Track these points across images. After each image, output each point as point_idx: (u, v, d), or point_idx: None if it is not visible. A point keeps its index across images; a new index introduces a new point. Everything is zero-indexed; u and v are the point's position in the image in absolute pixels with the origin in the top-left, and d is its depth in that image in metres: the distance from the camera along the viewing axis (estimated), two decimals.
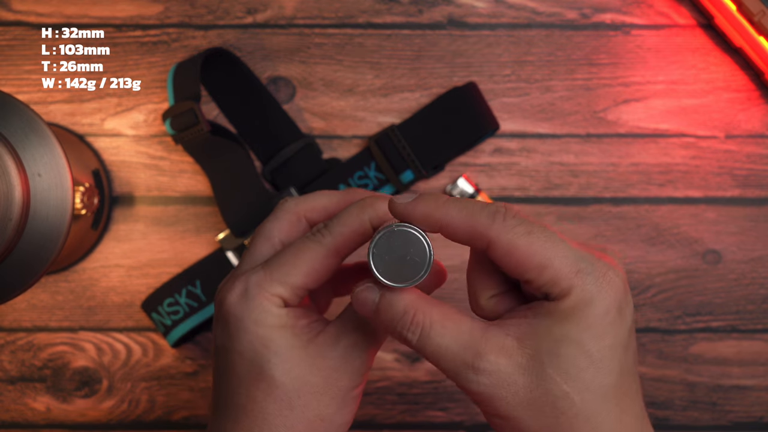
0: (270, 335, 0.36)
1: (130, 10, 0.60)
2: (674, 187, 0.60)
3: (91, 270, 0.60)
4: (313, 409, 0.37)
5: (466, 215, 0.33)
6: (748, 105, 0.60)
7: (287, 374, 0.36)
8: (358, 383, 0.38)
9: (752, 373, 0.60)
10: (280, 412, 0.36)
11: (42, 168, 0.44)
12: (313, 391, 0.37)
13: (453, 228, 0.33)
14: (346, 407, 0.37)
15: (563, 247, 0.33)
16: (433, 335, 0.33)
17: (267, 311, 0.37)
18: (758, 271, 0.60)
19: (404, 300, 0.34)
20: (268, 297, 0.37)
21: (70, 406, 0.60)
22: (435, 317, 0.34)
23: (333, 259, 0.37)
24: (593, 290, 0.32)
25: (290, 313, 0.37)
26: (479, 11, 0.60)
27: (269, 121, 0.60)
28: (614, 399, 0.33)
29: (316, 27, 0.60)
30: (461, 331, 0.33)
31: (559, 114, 0.60)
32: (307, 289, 0.38)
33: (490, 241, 0.33)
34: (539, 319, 0.33)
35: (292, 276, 0.37)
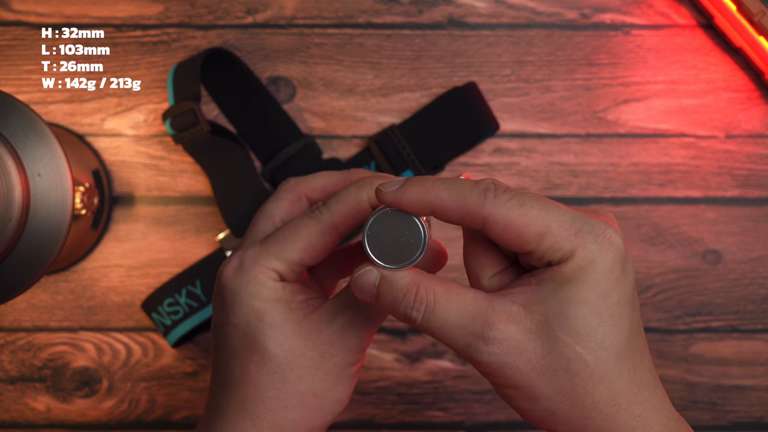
0: (264, 308, 0.37)
1: (130, 10, 0.60)
2: (674, 187, 0.60)
3: (91, 270, 0.60)
4: (307, 383, 0.36)
5: (456, 196, 0.33)
6: (748, 105, 0.60)
7: (281, 347, 0.36)
8: (354, 361, 0.38)
9: (752, 373, 0.60)
10: (272, 384, 0.36)
11: (42, 168, 0.44)
12: (308, 365, 0.36)
13: (445, 210, 0.33)
14: (341, 384, 0.37)
15: (558, 212, 0.32)
16: (438, 310, 0.33)
17: (262, 284, 0.37)
18: (758, 271, 0.60)
19: (405, 278, 0.33)
20: (263, 270, 0.37)
21: (70, 406, 0.60)
22: (438, 291, 0.33)
23: (330, 236, 0.37)
24: (595, 249, 0.32)
25: (286, 288, 0.37)
26: (479, 11, 0.60)
27: (269, 121, 0.60)
28: (627, 356, 0.33)
29: (316, 27, 0.60)
30: (466, 303, 0.33)
31: (559, 114, 0.60)
32: (303, 264, 0.38)
33: (484, 219, 0.32)
34: (544, 285, 0.32)
35: (288, 251, 0.37)
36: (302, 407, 0.37)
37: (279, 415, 0.36)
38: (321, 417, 0.37)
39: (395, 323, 0.60)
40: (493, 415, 0.60)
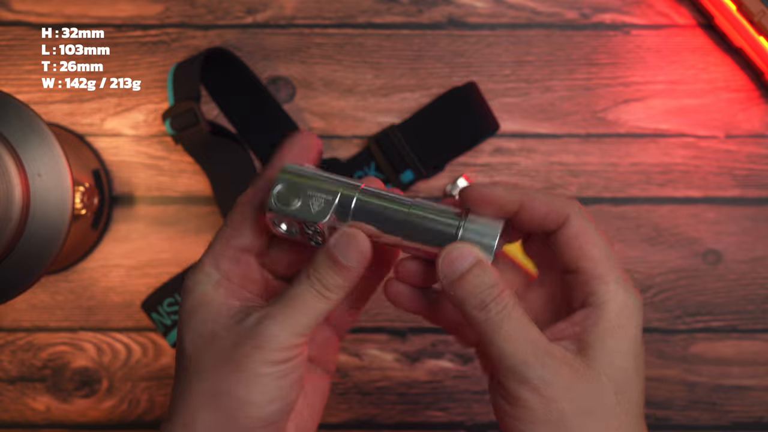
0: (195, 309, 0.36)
1: (130, 10, 0.60)
2: (674, 187, 0.60)
3: (91, 270, 0.60)
4: (211, 382, 0.35)
5: (543, 197, 0.35)
6: (748, 105, 0.60)
7: (191, 343, 0.35)
8: (272, 360, 0.34)
9: (752, 373, 0.60)
10: (184, 383, 0.36)
11: (42, 168, 0.44)
12: (215, 362, 0.35)
13: (535, 204, 0.34)
14: (255, 386, 0.34)
15: (612, 254, 0.34)
16: (514, 317, 0.33)
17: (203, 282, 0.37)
18: (758, 271, 0.60)
19: (497, 275, 0.34)
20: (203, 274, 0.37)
21: (70, 406, 0.60)
22: (518, 305, 0.34)
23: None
24: (633, 305, 0.34)
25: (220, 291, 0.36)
26: (479, 11, 0.60)
27: (269, 121, 0.60)
28: (641, 416, 0.35)
29: (316, 27, 0.60)
30: (534, 328, 0.33)
31: (559, 114, 0.60)
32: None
33: (567, 217, 0.34)
34: (590, 330, 0.34)
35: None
36: (211, 408, 0.34)
37: (188, 415, 0.35)
38: (235, 421, 0.34)
39: (394, 324, 0.60)
40: (493, 415, 0.60)
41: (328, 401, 0.61)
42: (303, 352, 0.34)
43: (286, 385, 0.34)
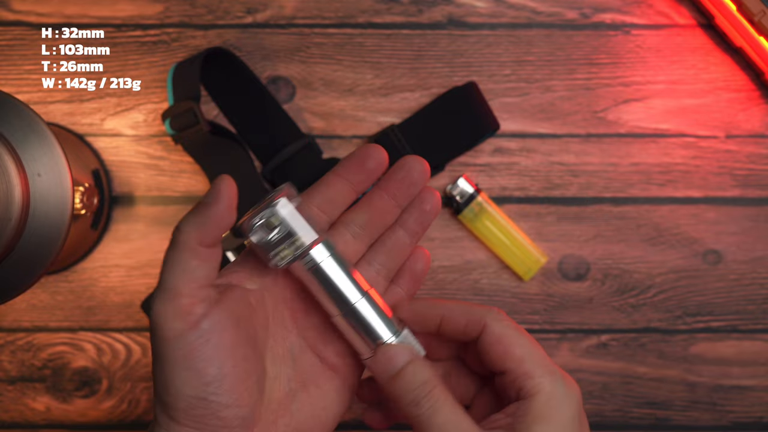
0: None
1: (130, 10, 0.60)
2: (674, 187, 0.60)
3: (91, 270, 0.60)
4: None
5: (463, 308, 0.38)
6: (748, 105, 0.60)
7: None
8: (164, 338, 0.34)
9: (752, 373, 0.60)
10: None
11: (42, 168, 0.44)
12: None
13: (453, 318, 0.37)
14: (166, 366, 0.35)
15: (540, 353, 0.37)
16: (445, 411, 0.35)
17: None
18: (758, 271, 0.60)
19: (430, 372, 0.36)
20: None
21: (70, 406, 0.60)
22: (449, 399, 0.36)
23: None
24: (562, 394, 0.36)
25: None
26: (479, 11, 0.60)
27: (269, 121, 0.60)
28: None
29: (316, 27, 0.60)
30: (465, 419, 0.35)
31: (559, 114, 0.60)
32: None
33: (486, 325, 0.37)
34: (519, 420, 0.36)
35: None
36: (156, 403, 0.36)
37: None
38: (165, 404, 0.35)
39: None
40: None
41: None
42: (194, 321, 0.34)
43: (192, 361, 0.34)
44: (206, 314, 0.35)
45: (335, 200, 0.39)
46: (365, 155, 0.39)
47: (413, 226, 0.40)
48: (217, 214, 0.35)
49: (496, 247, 0.59)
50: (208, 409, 0.34)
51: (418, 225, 0.40)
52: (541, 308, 0.60)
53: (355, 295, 0.37)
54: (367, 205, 0.40)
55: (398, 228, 0.40)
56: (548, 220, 0.60)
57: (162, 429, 0.35)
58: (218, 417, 0.34)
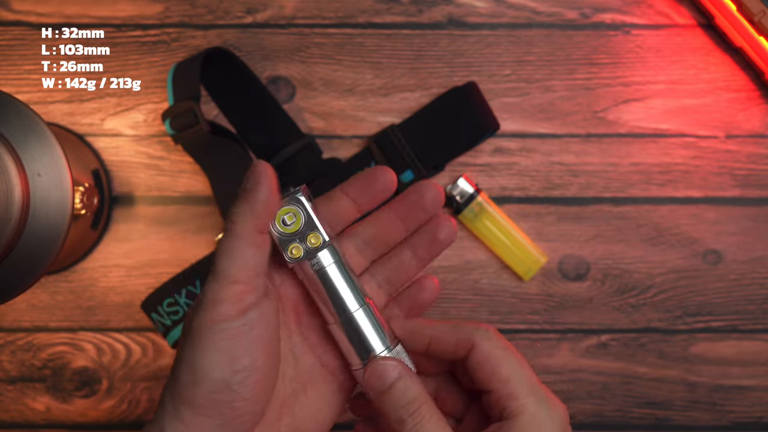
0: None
1: (130, 10, 0.60)
2: (674, 187, 0.60)
3: (91, 270, 0.60)
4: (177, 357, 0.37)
5: (451, 328, 0.38)
6: (748, 105, 0.60)
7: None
8: (209, 321, 0.35)
9: (752, 373, 0.60)
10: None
11: (42, 168, 0.44)
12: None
13: (442, 338, 0.38)
14: (198, 349, 0.35)
15: (527, 373, 0.37)
16: (429, 428, 0.36)
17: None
18: (758, 271, 0.60)
19: (419, 389, 0.37)
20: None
21: (70, 406, 0.60)
22: (435, 415, 0.36)
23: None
24: (545, 416, 0.36)
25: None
26: (479, 11, 0.60)
27: (269, 121, 0.60)
28: None
29: (316, 27, 0.60)
30: (445, 425, 0.36)
31: (559, 114, 0.60)
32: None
33: (474, 344, 0.37)
34: None
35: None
36: (171, 380, 0.37)
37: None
38: (188, 386, 0.35)
39: None
40: None
41: None
42: (244, 307, 0.35)
43: (229, 347, 0.34)
44: (256, 304, 0.35)
45: (338, 215, 0.39)
46: (373, 178, 0.39)
47: (422, 251, 0.40)
48: (264, 198, 0.35)
49: (496, 247, 0.59)
50: (228, 397, 0.34)
51: (426, 251, 0.40)
52: (541, 308, 0.60)
53: (354, 304, 0.37)
54: (375, 222, 0.40)
55: (406, 249, 0.40)
56: (548, 220, 0.60)
57: (167, 414, 0.35)
58: (233, 407, 0.35)
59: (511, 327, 0.60)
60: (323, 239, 0.37)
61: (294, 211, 0.37)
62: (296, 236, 0.37)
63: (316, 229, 0.37)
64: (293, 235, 0.37)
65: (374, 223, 0.40)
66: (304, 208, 0.37)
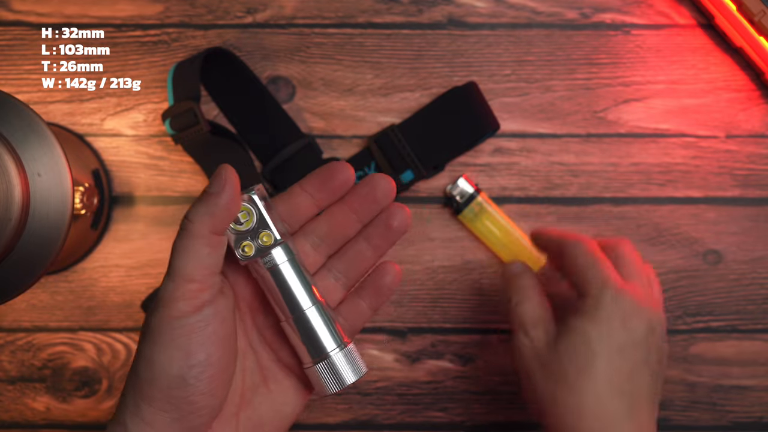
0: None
1: (130, 10, 0.60)
2: (674, 187, 0.60)
3: (91, 270, 0.60)
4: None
5: (560, 232, 0.51)
6: (748, 105, 0.60)
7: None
8: (167, 318, 0.36)
9: (752, 373, 0.60)
10: None
11: (42, 168, 0.44)
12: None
13: (548, 234, 0.51)
14: (155, 344, 0.36)
15: (601, 271, 0.47)
16: (526, 304, 0.49)
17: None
18: (758, 271, 0.60)
19: (530, 280, 0.50)
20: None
21: (70, 406, 0.60)
22: (536, 298, 0.49)
23: None
24: (605, 299, 0.45)
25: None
26: (479, 11, 0.60)
27: (269, 121, 0.60)
28: (623, 388, 0.45)
29: (316, 27, 0.60)
30: (539, 309, 0.49)
31: (559, 114, 0.60)
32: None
33: (563, 248, 0.49)
34: (568, 312, 0.47)
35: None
36: (131, 375, 0.37)
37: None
38: (145, 381, 0.36)
39: (394, 324, 0.60)
40: (493, 416, 0.60)
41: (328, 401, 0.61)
42: (199, 304, 0.36)
43: (185, 343, 0.35)
44: (211, 301, 0.36)
45: (297, 212, 0.40)
46: (330, 174, 0.39)
47: (377, 240, 0.41)
48: (225, 203, 0.36)
49: (496, 247, 0.59)
50: (184, 392, 0.35)
51: (382, 239, 0.41)
52: None
53: (306, 302, 0.38)
54: (329, 218, 0.41)
55: (361, 240, 0.41)
56: (548, 220, 0.60)
57: (128, 410, 0.36)
58: (190, 402, 0.36)
59: None
60: (275, 238, 0.37)
61: (247, 209, 0.38)
62: (249, 234, 0.38)
63: (268, 227, 0.37)
64: (246, 233, 0.38)
65: (328, 219, 0.41)
66: (257, 207, 0.37)
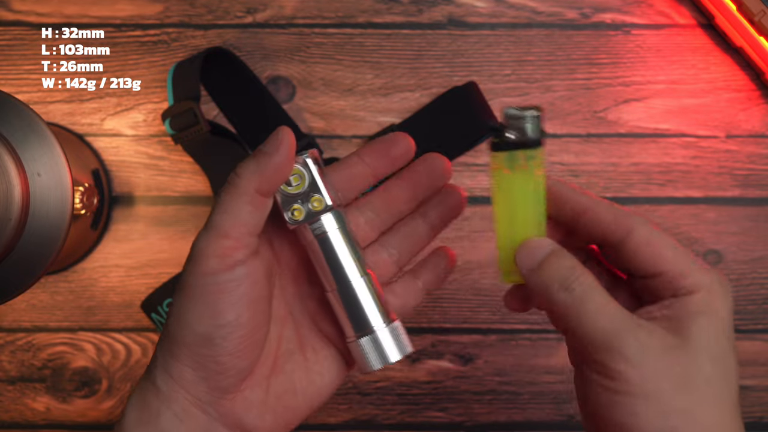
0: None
1: (130, 9, 0.60)
2: (674, 187, 0.60)
3: (91, 270, 0.60)
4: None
5: (608, 205, 0.36)
6: (748, 105, 0.60)
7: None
8: (198, 273, 0.35)
9: (752, 373, 0.60)
10: None
11: (42, 168, 0.44)
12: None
13: (600, 213, 0.36)
14: (187, 301, 0.35)
15: (687, 253, 0.35)
16: (598, 294, 0.34)
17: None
18: (758, 271, 0.60)
19: (575, 259, 0.35)
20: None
21: (70, 406, 0.60)
22: (599, 286, 0.34)
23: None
24: (719, 289, 0.34)
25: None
26: (479, 11, 0.60)
27: (269, 121, 0.60)
28: (735, 395, 0.34)
29: (316, 27, 0.60)
30: (617, 308, 0.34)
31: (559, 114, 0.60)
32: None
33: (631, 228, 0.35)
34: (682, 312, 0.34)
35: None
36: (163, 333, 0.37)
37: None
38: (173, 337, 0.36)
39: None
40: (493, 416, 0.60)
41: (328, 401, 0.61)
42: (231, 263, 0.34)
43: (214, 301, 0.34)
44: (244, 261, 0.35)
45: (353, 182, 0.39)
46: (391, 142, 0.38)
47: (434, 218, 0.40)
48: (277, 164, 0.35)
49: (502, 219, 0.37)
50: (211, 351, 0.35)
51: (439, 218, 0.40)
52: None
53: (355, 273, 0.37)
54: (384, 192, 0.40)
55: (417, 217, 0.40)
56: None
57: (158, 364, 0.36)
58: (217, 362, 0.35)
59: (512, 327, 0.60)
60: (326, 203, 0.36)
61: (299, 173, 0.36)
62: (299, 198, 0.36)
63: (320, 192, 0.36)
64: (296, 196, 0.36)
65: (384, 193, 0.40)
66: (310, 171, 0.36)
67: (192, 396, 0.35)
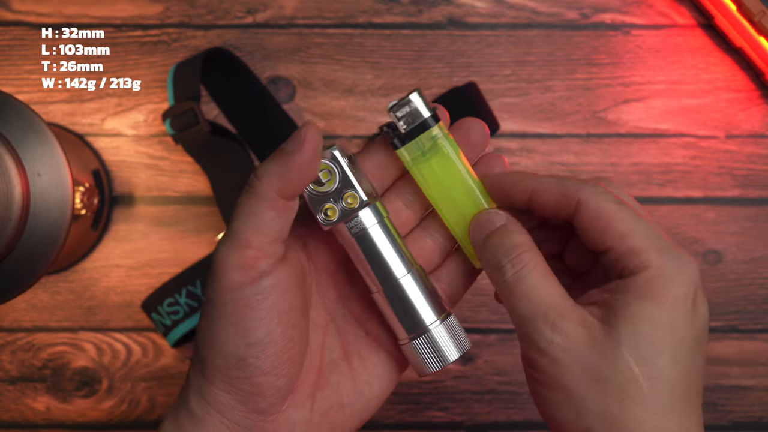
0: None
1: (130, 10, 0.60)
2: (674, 187, 0.60)
3: (91, 270, 0.60)
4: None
5: (556, 181, 0.33)
6: (748, 105, 0.60)
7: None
8: (222, 288, 0.32)
9: (752, 373, 0.60)
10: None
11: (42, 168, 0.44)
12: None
13: (544, 192, 0.33)
14: (214, 318, 0.33)
15: (646, 225, 0.32)
16: (531, 278, 0.32)
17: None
18: (758, 271, 0.60)
19: (525, 237, 0.33)
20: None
21: (70, 406, 0.60)
22: (540, 266, 0.32)
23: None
24: (673, 270, 0.31)
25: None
26: (479, 11, 0.60)
27: (269, 121, 0.60)
28: (682, 397, 0.31)
29: (316, 27, 0.60)
30: (554, 289, 0.32)
31: (559, 114, 0.60)
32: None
33: (579, 202, 0.32)
34: (617, 297, 0.31)
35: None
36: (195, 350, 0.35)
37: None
38: (204, 358, 0.33)
39: None
40: (494, 416, 0.60)
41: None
42: (255, 275, 0.32)
43: (241, 318, 0.32)
44: (270, 271, 0.32)
45: (386, 166, 0.35)
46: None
47: None
48: (301, 164, 0.31)
49: (444, 209, 0.36)
50: (245, 372, 0.32)
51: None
52: None
53: (401, 269, 0.34)
54: None
55: None
56: None
57: (192, 388, 0.33)
58: (253, 383, 0.32)
59: (511, 327, 0.60)
60: (361, 199, 0.33)
61: (329, 168, 0.33)
62: (331, 196, 0.33)
63: (353, 188, 0.33)
64: (328, 194, 0.33)
65: None
66: (340, 166, 0.33)
67: (229, 420, 0.33)
